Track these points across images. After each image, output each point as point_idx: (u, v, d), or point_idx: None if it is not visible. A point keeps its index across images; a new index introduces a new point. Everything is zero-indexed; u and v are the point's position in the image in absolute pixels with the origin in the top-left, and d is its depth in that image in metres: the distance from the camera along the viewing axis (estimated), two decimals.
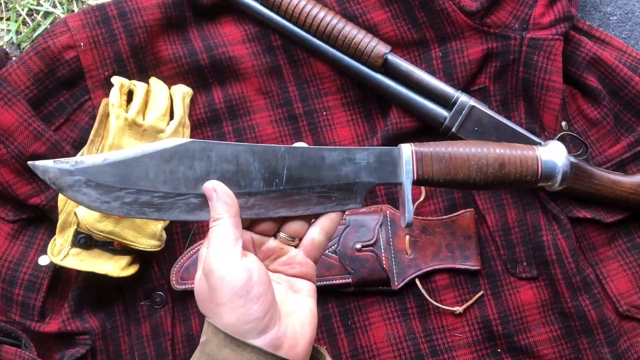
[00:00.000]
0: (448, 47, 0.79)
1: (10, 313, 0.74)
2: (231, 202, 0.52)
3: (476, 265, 0.78)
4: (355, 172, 0.56)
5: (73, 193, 0.51)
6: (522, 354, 0.77)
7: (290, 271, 0.56)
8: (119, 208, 0.51)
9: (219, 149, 0.53)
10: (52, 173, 0.51)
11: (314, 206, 0.55)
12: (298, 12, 0.77)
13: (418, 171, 0.56)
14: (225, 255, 0.50)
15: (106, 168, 0.51)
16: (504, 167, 0.56)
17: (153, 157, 0.52)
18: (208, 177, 0.52)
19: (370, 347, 0.77)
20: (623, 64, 0.80)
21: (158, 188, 0.52)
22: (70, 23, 0.77)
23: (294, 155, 0.54)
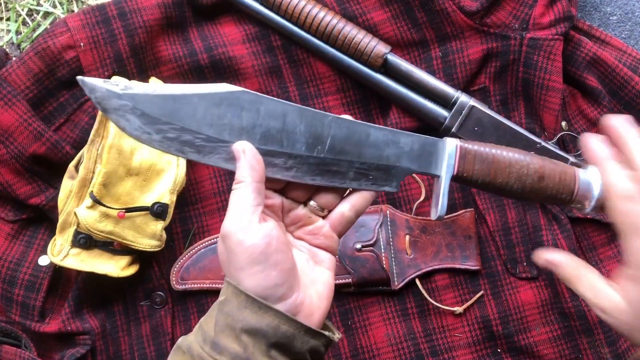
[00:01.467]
0: (448, 47, 0.79)
1: (10, 313, 0.74)
2: (257, 167, 0.50)
3: (476, 265, 0.78)
4: (396, 156, 0.55)
5: (117, 117, 0.49)
6: (522, 354, 0.77)
7: (314, 241, 0.55)
8: (160, 141, 0.50)
9: (268, 104, 0.51)
10: (99, 92, 0.49)
11: (350, 181, 0.54)
12: (298, 12, 0.77)
13: (459, 167, 0.55)
14: (244, 220, 0.49)
15: (155, 99, 0.50)
16: (543, 180, 0.55)
17: (203, 98, 0.50)
18: (253, 130, 0.51)
19: (370, 347, 0.77)
20: (623, 64, 0.80)
21: (202, 130, 0.50)
22: (70, 23, 0.77)
23: (341, 126, 0.53)
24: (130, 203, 0.72)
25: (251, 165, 0.50)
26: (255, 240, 0.49)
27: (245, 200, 0.50)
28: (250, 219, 0.49)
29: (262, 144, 0.51)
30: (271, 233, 0.50)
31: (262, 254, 0.49)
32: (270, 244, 0.49)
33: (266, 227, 0.50)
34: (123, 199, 0.72)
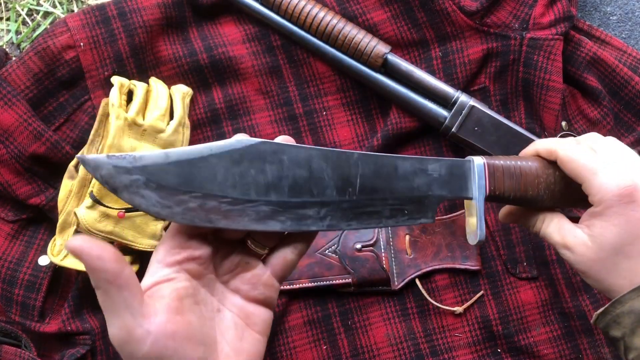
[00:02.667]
0: (448, 47, 0.79)
1: (10, 313, 0.74)
2: (103, 265, 0.41)
3: (476, 265, 0.78)
4: (427, 184, 0.52)
5: (129, 195, 0.44)
6: (522, 354, 0.77)
7: (252, 293, 0.49)
8: (182, 214, 0.44)
9: (291, 152, 0.47)
10: (104, 170, 0.43)
11: (386, 219, 0.50)
12: (298, 12, 0.77)
13: (490, 186, 0.53)
14: (123, 332, 0.42)
15: (169, 167, 0.44)
16: (570, 185, 0.54)
17: (222, 157, 0.45)
18: (280, 183, 0.47)
19: (370, 347, 0.77)
20: (623, 64, 0.80)
21: (226, 193, 0.45)
22: (70, 23, 0.77)
23: (367, 162, 0.50)
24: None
25: (97, 267, 0.41)
26: (145, 350, 0.42)
27: (116, 305, 0.42)
28: (129, 328, 0.42)
29: (292, 196, 0.47)
30: (164, 330, 0.43)
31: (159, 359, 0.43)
32: (166, 346, 0.43)
33: (156, 325, 0.43)
34: None
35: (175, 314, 0.44)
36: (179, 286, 0.45)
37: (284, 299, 0.76)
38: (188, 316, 0.45)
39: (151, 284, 0.45)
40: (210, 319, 0.47)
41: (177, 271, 0.46)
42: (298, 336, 0.77)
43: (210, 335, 0.46)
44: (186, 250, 0.46)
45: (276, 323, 0.76)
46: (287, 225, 0.47)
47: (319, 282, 0.76)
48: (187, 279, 0.46)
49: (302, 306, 0.77)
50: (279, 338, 0.76)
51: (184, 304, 0.45)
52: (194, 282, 0.46)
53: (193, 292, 0.46)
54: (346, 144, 0.81)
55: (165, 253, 0.46)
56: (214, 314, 0.48)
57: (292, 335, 0.76)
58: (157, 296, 0.45)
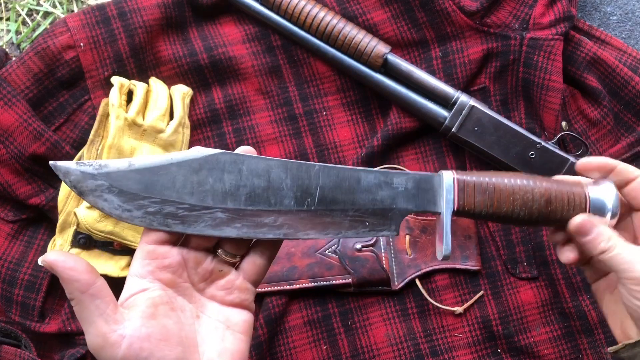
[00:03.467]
0: (448, 47, 0.79)
1: (10, 313, 0.74)
2: (76, 276, 0.45)
3: (476, 265, 0.78)
4: (391, 198, 0.52)
5: (94, 198, 0.48)
6: (522, 354, 0.77)
7: (227, 298, 0.51)
8: (141, 217, 0.48)
9: (250, 162, 0.50)
10: (73, 176, 0.48)
11: (345, 230, 0.51)
12: (298, 12, 0.77)
13: (459, 201, 0.53)
14: (98, 338, 0.45)
15: (131, 174, 0.48)
16: (550, 204, 0.53)
17: (181, 166, 0.49)
18: (237, 192, 0.49)
19: (371, 347, 0.77)
20: (623, 64, 0.80)
21: (184, 199, 0.48)
22: (70, 23, 0.77)
23: (329, 174, 0.51)
24: None
25: (70, 277, 0.45)
26: (121, 354, 0.45)
27: (90, 313, 0.45)
28: (103, 333, 0.45)
29: (249, 205, 0.49)
30: (139, 333, 0.46)
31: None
32: (141, 347, 0.45)
33: (130, 329, 0.46)
34: None
35: (149, 319, 0.47)
36: (153, 295, 0.48)
37: (284, 299, 0.76)
38: (163, 320, 0.47)
39: (127, 296, 0.48)
40: (189, 324, 0.49)
41: (151, 281, 0.48)
42: (298, 336, 0.77)
43: (190, 338, 0.48)
44: (155, 260, 0.49)
45: (276, 323, 0.76)
46: (242, 232, 0.50)
47: (319, 282, 0.76)
48: (162, 288, 0.49)
49: (302, 306, 0.77)
50: (279, 338, 0.76)
51: (159, 310, 0.48)
52: (169, 291, 0.49)
53: (168, 300, 0.48)
54: (346, 144, 0.81)
55: (138, 265, 0.49)
56: (193, 320, 0.50)
57: (292, 335, 0.76)
58: (131, 306, 0.47)
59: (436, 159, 0.81)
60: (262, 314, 0.75)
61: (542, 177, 0.54)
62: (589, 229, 0.52)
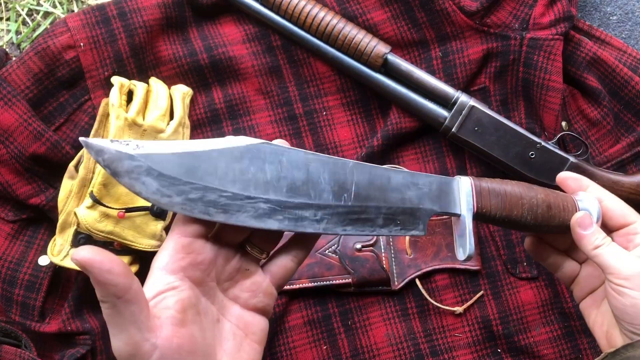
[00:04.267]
0: (448, 47, 0.79)
1: (10, 313, 0.74)
2: (113, 280, 0.41)
3: (476, 265, 0.78)
4: (418, 198, 0.53)
5: (130, 180, 0.44)
6: (522, 354, 0.77)
7: (251, 301, 0.50)
8: (182, 204, 0.45)
9: (290, 154, 0.48)
10: (107, 154, 0.44)
11: (379, 228, 0.51)
12: (298, 12, 0.77)
13: (478, 204, 0.55)
14: (128, 347, 0.42)
15: (172, 158, 0.45)
16: (551, 209, 0.56)
17: (223, 153, 0.47)
18: (279, 183, 0.48)
19: (371, 347, 0.77)
20: (623, 64, 0.80)
21: (226, 187, 0.46)
22: (70, 23, 0.77)
23: (362, 171, 0.51)
24: (130, 203, 0.72)
25: (107, 281, 0.40)
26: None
27: (123, 320, 0.42)
28: (136, 342, 0.42)
29: (290, 197, 0.48)
30: (170, 344, 0.43)
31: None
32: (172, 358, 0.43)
33: (162, 339, 0.43)
34: (123, 198, 0.72)
35: (180, 327, 0.44)
36: (183, 296, 0.45)
37: (284, 299, 0.76)
38: (191, 328, 0.45)
39: (155, 293, 0.45)
40: (210, 330, 0.47)
41: (181, 278, 0.45)
42: (298, 336, 0.77)
43: (211, 346, 0.46)
44: (190, 255, 0.46)
45: (276, 323, 0.76)
46: (284, 224, 0.48)
47: (319, 282, 0.76)
48: (190, 287, 0.46)
49: (302, 306, 0.77)
50: (279, 338, 0.76)
51: (188, 316, 0.45)
52: (196, 291, 0.46)
53: (195, 302, 0.46)
54: (346, 144, 0.81)
55: (169, 259, 0.45)
56: (213, 325, 0.47)
57: (292, 335, 0.77)
58: (161, 307, 0.44)
59: (436, 159, 0.81)
60: None
61: (538, 186, 0.58)
62: (588, 224, 0.56)
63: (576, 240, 0.56)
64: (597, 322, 0.59)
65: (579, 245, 0.56)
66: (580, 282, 0.62)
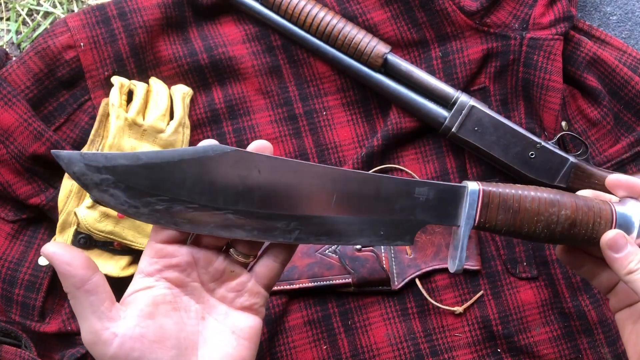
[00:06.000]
0: (448, 47, 0.79)
1: (10, 313, 0.74)
2: (72, 271, 0.44)
3: (476, 265, 0.78)
4: (410, 208, 0.49)
5: (99, 192, 0.45)
6: (522, 354, 0.77)
7: (237, 301, 0.50)
8: (148, 215, 0.46)
9: (264, 163, 0.47)
10: (77, 167, 0.45)
11: (358, 238, 0.49)
12: (298, 12, 0.77)
13: (481, 218, 0.50)
14: (92, 333, 0.45)
15: (139, 170, 0.45)
16: (574, 226, 0.50)
17: (193, 163, 0.46)
18: (250, 194, 0.47)
19: (370, 347, 0.77)
20: (623, 64, 0.81)
21: (194, 199, 0.46)
22: (70, 23, 0.77)
23: (347, 179, 0.48)
24: None
25: (66, 272, 0.44)
26: (112, 352, 0.44)
27: (84, 309, 0.45)
28: (96, 330, 0.45)
29: (261, 207, 0.47)
30: (132, 332, 0.45)
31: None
32: (133, 348, 0.45)
33: (123, 328, 0.45)
34: None
35: (146, 318, 0.46)
36: (156, 293, 0.47)
37: (284, 298, 0.76)
38: (161, 320, 0.47)
39: (130, 292, 0.47)
40: (191, 325, 0.48)
41: (157, 279, 0.48)
42: (298, 336, 0.77)
43: (190, 340, 0.48)
44: (163, 259, 0.48)
45: (276, 323, 0.76)
46: (253, 234, 0.48)
47: (319, 282, 0.76)
48: (167, 287, 0.48)
49: (302, 306, 0.77)
50: (279, 338, 0.76)
51: (159, 310, 0.47)
52: (175, 290, 0.48)
53: (172, 300, 0.48)
54: (346, 144, 0.81)
55: (146, 263, 0.48)
56: (197, 321, 0.49)
57: (292, 335, 0.77)
58: (131, 303, 0.47)
59: (436, 159, 0.81)
60: None
61: (570, 195, 0.52)
62: (621, 246, 0.50)
63: (607, 261, 0.51)
64: (631, 339, 0.55)
65: (611, 266, 0.51)
66: (618, 293, 0.56)
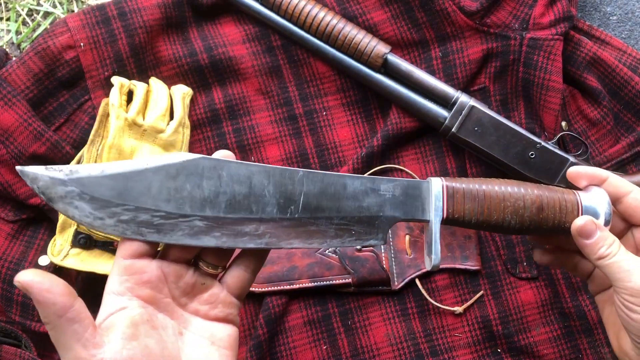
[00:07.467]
0: (448, 47, 0.79)
1: (10, 313, 0.74)
2: (52, 299, 0.42)
3: (476, 265, 0.78)
4: (378, 205, 0.50)
5: (64, 205, 0.45)
6: (522, 354, 0.77)
7: (211, 312, 0.50)
8: (114, 226, 0.46)
9: (231, 168, 0.47)
10: (41, 182, 0.45)
11: (331, 239, 0.50)
12: (298, 12, 0.77)
13: (448, 209, 0.51)
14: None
15: (103, 180, 0.45)
16: (542, 211, 0.51)
17: (157, 171, 0.46)
18: (217, 199, 0.47)
19: (370, 347, 0.77)
20: (623, 64, 0.81)
21: (160, 207, 0.46)
22: (70, 23, 0.77)
23: (313, 181, 0.49)
24: None
25: (47, 300, 0.42)
26: None
27: (67, 339, 0.43)
28: (82, 358, 0.42)
29: (229, 212, 0.47)
30: (120, 356, 0.43)
31: None
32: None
33: (111, 352, 0.43)
34: None
35: (130, 340, 0.44)
36: (132, 313, 0.46)
37: (284, 299, 0.76)
38: (145, 341, 0.45)
39: (105, 316, 0.45)
40: (171, 342, 0.47)
41: (130, 299, 0.46)
42: (298, 336, 0.77)
43: (173, 356, 0.47)
44: (134, 276, 0.46)
45: (276, 323, 0.76)
46: (222, 241, 0.47)
47: (319, 282, 0.76)
48: (141, 306, 0.46)
49: (302, 306, 0.77)
50: (279, 338, 0.76)
51: (140, 330, 0.45)
52: (150, 308, 0.47)
53: (149, 318, 0.46)
54: (346, 144, 0.81)
55: (115, 282, 0.46)
56: (175, 337, 0.48)
57: (292, 335, 0.77)
58: (110, 327, 0.45)
59: (436, 159, 0.81)
60: (262, 314, 0.75)
61: (533, 184, 0.53)
62: (591, 232, 0.51)
63: (579, 247, 0.52)
64: (609, 320, 0.56)
65: (583, 252, 0.52)
66: (595, 278, 0.58)
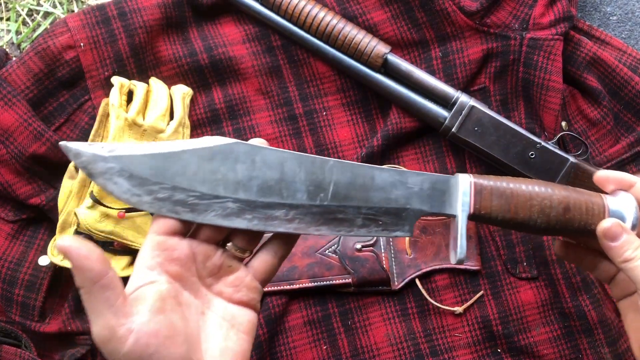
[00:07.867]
0: (448, 47, 0.79)
1: (10, 313, 0.74)
2: (90, 265, 0.43)
3: (476, 265, 0.78)
4: (406, 197, 0.51)
5: (104, 181, 0.47)
6: (522, 354, 0.77)
7: (235, 295, 0.50)
8: (150, 203, 0.47)
9: (264, 154, 0.49)
10: (84, 157, 0.47)
11: (358, 228, 0.50)
12: (298, 12, 0.77)
13: (475, 205, 0.51)
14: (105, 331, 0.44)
15: (143, 159, 0.47)
16: (569, 211, 0.51)
17: (194, 153, 0.48)
18: (249, 183, 0.48)
19: (370, 347, 0.77)
20: (623, 64, 0.81)
21: (195, 187, 0.48)
22: (70, 23, 0.77)
23: (343, 170, 0.50)
24: None
25: (84, 266, 0.43)
26: (126, 349, 0.44)
27: (99, 305, 0.44)
28: (111, 326, 0.44)
29: (260, 196, 0.49)
30: (147, 328, 0.44)
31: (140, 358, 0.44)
32: (148, 344, 0.44)
33: (138, 323, 0.44)
34: None
35: (157, 314, 0.46)
36: (161, 288, 0.47)
37: (284, 299, 0.76)
38: (170, 316, 0.46)
39: (135, 287, 0.47)
40: (194, 321, 0.48)
41: (159, 274, 0.47)
42: (298, 336, 0.77)
43: (194, 335, 0.48)
44: (165, 252, 0.48)
45: (276, 323, 0.76)
46: (253, 224, 0.49)
47: (319, 282, 0.76)
48: (169, 282, 0.47)
49: (302, 306, 0.77)
50: (279, 338, 0.76)
51: (167, 304, 0.46)
52: (176, 285, 0.48)
53: (175, 294, 0.48)
54: (346, 144, 0.81)
55: (146, 256, 0.48)
56: (197, 316, 0.49)
57: (292, 335, 0.77)
58: (140, 298, 0.46)
59: (436, 159, 0.81)
60: (262, 313, 0.75)
61: (560, 185, 0.53)
62: (617, 234, 0.51)
63: (604, 249, 0.51)
64: (632, 327, 0.55)
65: (608, 255, 0.51)
66: (619, 282, 0.56)
